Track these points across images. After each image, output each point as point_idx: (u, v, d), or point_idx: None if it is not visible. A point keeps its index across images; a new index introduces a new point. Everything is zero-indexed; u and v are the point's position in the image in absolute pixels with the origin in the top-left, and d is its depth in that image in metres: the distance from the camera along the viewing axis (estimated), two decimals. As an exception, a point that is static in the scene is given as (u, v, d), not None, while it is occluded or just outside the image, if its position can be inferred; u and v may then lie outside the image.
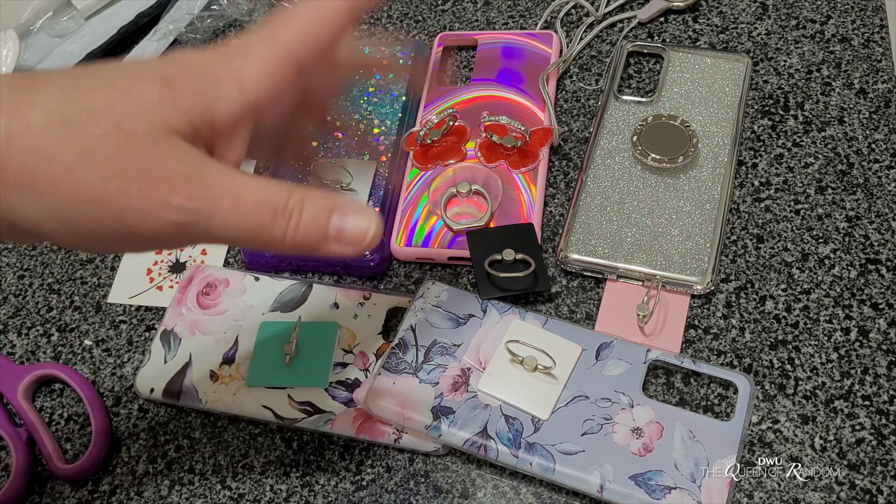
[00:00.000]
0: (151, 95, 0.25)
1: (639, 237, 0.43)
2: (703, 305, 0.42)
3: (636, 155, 0.46)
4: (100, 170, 0.24)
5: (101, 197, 0.25)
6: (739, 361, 0.40)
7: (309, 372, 0.41)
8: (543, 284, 0.42)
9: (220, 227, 0.26)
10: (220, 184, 0.26)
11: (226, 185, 0.26)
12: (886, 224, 0.43)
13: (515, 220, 0.45)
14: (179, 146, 0.26)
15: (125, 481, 0.41)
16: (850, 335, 0.40)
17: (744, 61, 0.49)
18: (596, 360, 0.39)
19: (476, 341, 0.41)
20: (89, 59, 0.59)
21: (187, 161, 0.26)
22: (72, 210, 0.25)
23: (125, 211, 0.25)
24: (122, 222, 0.25)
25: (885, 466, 0.37)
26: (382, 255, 0.45)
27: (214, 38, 0.61)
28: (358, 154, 0.50)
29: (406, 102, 0.52)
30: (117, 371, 0.45)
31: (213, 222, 0.26)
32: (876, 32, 0.51)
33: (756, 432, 0.38)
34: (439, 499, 0.38)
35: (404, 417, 0.39)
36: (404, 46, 0.54)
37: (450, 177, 0.47)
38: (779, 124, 0.48)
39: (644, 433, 0.37)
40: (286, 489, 0.40)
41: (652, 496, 0.35)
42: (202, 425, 0.42)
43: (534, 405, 0.38)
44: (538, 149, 0.47)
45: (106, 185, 0.25)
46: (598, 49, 0.54)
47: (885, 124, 0.47)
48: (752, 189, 0.46)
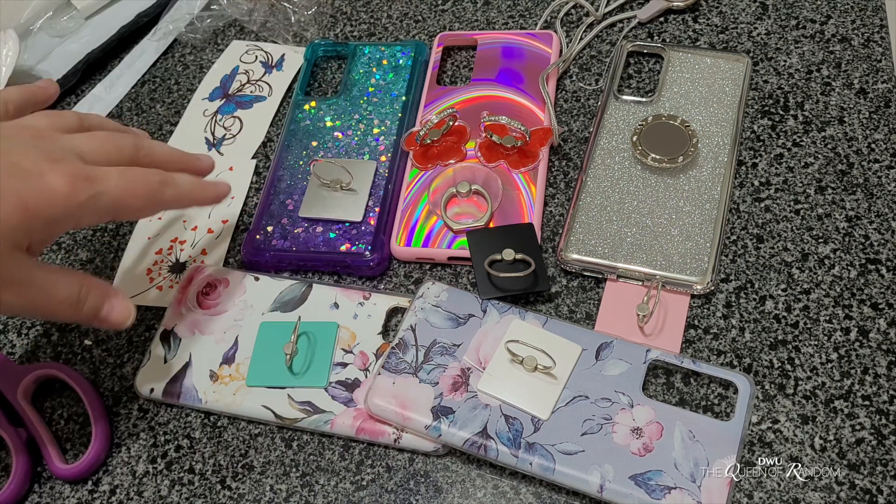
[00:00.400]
0: (12, 220, 0.33)
1: (639, 237, 0.43)
2: (703, 305, 0.42)
3: (636, 155, 0.46)
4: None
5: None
6: (739, 361, 0.40)
7: (308, 372, 0.41)
8: (543, 284, 0.42)
9: (37, 314, 0.40)
10: (40, 284, 0.35)
11: (44, 285, 0.35)
12: (886, 224, 0.43)
13: (515, 220, 0.45)
14: (20, 258, 0.34)
15: (125, 481, 0.41)
16: (850, 335, 0.40)
17: (744, 61, 0.49)
18: (596, 360, 0.39)
19: (476, 341, 0.41)
20: (89, 58, 0.59)
21: (23, 269, 0.34)
22: None
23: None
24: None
25: (885, 466, 0.37)
26: (382, 255, 0.45)
27: (214, 38, 0.61)
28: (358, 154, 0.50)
29: (406, 102, 0.52)
30: (117, 371, 0.45)
31: (35, 313, 0.40)
32: (876, 32, 0.51)
33: (756, 432, 0.38)
34: (439, 499, 0.38)
35: (404, 417, 0.39)
36: (404, 46, 0.55)
37: (450, 177, 0.47)
38: (779, 124, 0.48)
39: (644, 433, 0.37)
40: (286, 489, 0.40)
41: (652, 496, 0.35)
42: (202, 425, 0.42)
43: (534, 405, 0.38)
44: (538, 149, 0.47)
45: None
46: (598, 49, 0.54)
47: (885, 124, 0.47)
48: (752, 189, 0.46)
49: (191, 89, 0.58)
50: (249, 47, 0.59)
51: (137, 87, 0.59)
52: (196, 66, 0.59)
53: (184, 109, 0.57)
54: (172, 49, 0.61)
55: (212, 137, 0.55)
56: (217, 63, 0.59)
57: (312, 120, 0.52)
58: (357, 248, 0.45)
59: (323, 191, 0.48)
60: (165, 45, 0.61)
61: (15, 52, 0.55)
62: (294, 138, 0.51)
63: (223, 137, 0.54)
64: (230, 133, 0.55)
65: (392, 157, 0.49)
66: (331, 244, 0.46)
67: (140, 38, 0.62)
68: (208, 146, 0.54)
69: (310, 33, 0.59)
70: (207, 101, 0.57)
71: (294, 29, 0.59)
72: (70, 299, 0.36)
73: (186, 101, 0.57)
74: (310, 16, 0.59)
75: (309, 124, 0.52)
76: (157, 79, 0.59)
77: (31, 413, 0.43)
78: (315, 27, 0.59)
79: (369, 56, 0.55)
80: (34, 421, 0.42)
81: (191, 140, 0.55)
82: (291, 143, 0.51)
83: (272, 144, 0.54)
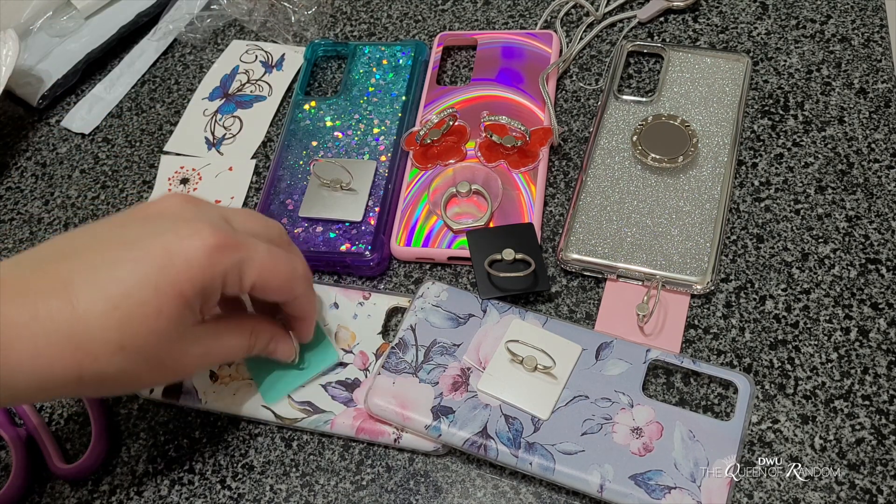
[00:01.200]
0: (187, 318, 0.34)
1: (639, 237, 0.43)
2: (703, 305, 0.42)
3: (636, 155, 0.46)
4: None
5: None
6: (739, 361, 0.40)
7: (316, 355, 0.41)
8: (543, 284, 0.42)
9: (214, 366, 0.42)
10: (216, 349, 0.36)
11: (219, 349, 0.36)
12: (886, 224, 0.43)
13: (515, 219, 0.45)
14: (194, 332, 0.35)
15: (125, 481, 0.41)
16: (850, 335, 0.40)
17: (744, 61, 0.49)
18: (596, 360, 0.39)
19: (476, 341, 0.41)
20: (89, 58, 0.59)
21: (198, 342, 0.35)
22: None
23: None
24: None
25: (884, 466, 0.37)
26: (382, 255, 0.45)
27: (214, 38, 0.61)
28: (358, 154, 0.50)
29: (406, 102, 0.52)
30: (117, 371, 0.45)
31: (213, 366, 0.43)
32: (876, 32, 0.51)
33: (756, 432, 0.38)
34: (439, 499, 0.38)
35: (404, 417, 0.39)
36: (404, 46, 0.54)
37: (450, 177, 0.47)
38: (779, 124, 0.48)
39: (644, 433, 0.37)
40: (286, 489, 0.40)
41: (652, 496, 0.35)
42: (202, 425, 0.42)
43: (534, 405, 0.38)
44: (538, 148, 0.47)
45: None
46: (598, 49, 0.54)
47: (885, 124, 0.47)
48: (752, 189, 0.46)
49: (191, 89, 0.58)
50: (249, 47, 0.59)
51: (137, 86, 0.59)
52: (196, 66, 0.59)
53: (184, 109, 0.57)
54: (172, 49, 0.61)
55: (212, 137, 0.55)
56: (217, 63, 0.59)
57: (312, 120, 0.52)
58: (357, 248, 0.45)
59: (323, 191, 0.48)
60: (165, 45, 0.61)
61: (15, 51, 0.55)
62: (294, 138, 0.51)
63: (223, 137, 0.54)
64: (230, 133, 0.55)
65: (392, 157, 0.49)
66: (331, 244, 0.46)
67: (140, 38, 0.62)
68: (208, 146, 0.54)
69: (310, 33, 0.59)
70: (207, 100, 0.57)
71: (294, 29, 0.59)
72: (242, 350, 0.37)
73: (186, 101, 0.57)
74: (310, 16, 0.59)
75: (309, 124, 0.52)
76: (157, 79, 0.59)
77: (31, 413, 0.43)
78: (315, 27, 0.59)
79: (369, 56, 0.55)
80: (34, 421, 0.42)
81: (191, 140, 0.55)
82: (291, 142, 0.51)
83: (272, 144, 0.54)
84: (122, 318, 0.31)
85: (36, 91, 0.58)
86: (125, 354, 0.31)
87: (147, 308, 0.31)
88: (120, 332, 0.31)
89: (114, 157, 0.55)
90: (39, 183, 0.55)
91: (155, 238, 0.32)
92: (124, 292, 0.31)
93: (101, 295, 0.31)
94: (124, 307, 0.31)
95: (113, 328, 0.31)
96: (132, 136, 0.56)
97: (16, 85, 0.59)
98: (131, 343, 0.31)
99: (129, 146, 0.56)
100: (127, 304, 0.31)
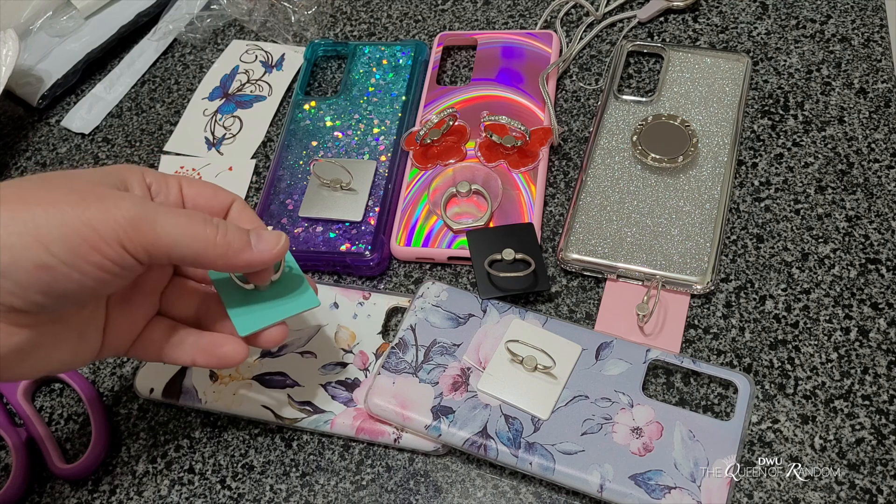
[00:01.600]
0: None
1: (639, 237, 0.43)
2: (703, 305, 0.42)
3: (636, 155, 0.46)
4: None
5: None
6: (739, 361, 0.40)
7: (294, 296, 0.37)
8: (543, 284, 0.42)
9: (164, 222, 0.31)
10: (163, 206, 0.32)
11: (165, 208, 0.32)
12: (886, 224, 0.43)
13: (515, 219, 0.45)
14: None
15: (125, 481, 0.41)
16: (850, 335, 0.40)
17: (744, 61, 0.49)
18: (596, 360, 0.39)
19: (476, 341, 0.41)
20: (89, 58, 0.59)
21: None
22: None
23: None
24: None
25: (884, 466, 0.37)
26: (382, 255, 0.45)
27: (214, 38, 0.61)
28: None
29: (406, 102, 0.52)
30: (117, 371, 0.45)
31: (158, 218, 0.31)
32: (876, 32, 0.51)
33: (756, 432, 0.38)
34: (439, 499, 0.38)
35: (404, 417, 0.39)
36: (404, 46, 0.54)
37: (449, 176, 0.47)
38: (779, 124, 0.48)
39: (644, 433, 0.37)
40: (286, 489, 0.40)
41: (652, 496, 0.35)
42: (202, 425, 0.42)
43: (534, 405, 0.38)
44: (538, 148, 0.47)
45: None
46: (598, 49, 0.54)
47: (884, 124, 0.47)
48: (752, 189, 0.46)
49: (191, 89, 0.58)
50: (249, 47, 0.59)
51: (137, 86, 0.59)
52: (196, 66, 0.59)
53: (184, 109, 0.57)
54: (172, 49, 0.61)
55: (212, 137, 0.55)
56: (217, 63, 0.59)
57: (312, 120, 0.52)
58: (357, 248, 0.45)
59: (323, 190, 0.48)
60: (165, 45, 0.61)
61: (15, 51, 0.55)
62: (294, 138, 0.51)
63: (223, 137, 0.54)
64: (230, 133, 0.55)
65: (392, 157, 0.49)
66: (331, 244, 0.46)
67: (140, 38, 0.62)
68: (208, 146, 0.54)
69: (310, 33, 0.59)
70: (207, 100, 0.57)
71: (294, 29, 0.59)
72: (200, 214, 0.33)
73: (186, 101, 0.57)
74: (310, 15, 0.59)
75: (309, 124, 0.52)
76: (157, 78, 0.59)
77: (31, 413, 0.43)
78: (315, 27, 0.59)
79: (369, 56, 0.55)
80: (34, 421, 0.42)
81: (191, 140, 0.55)
82: (291, 142, 0.51)
83: (272, 144, 0.54)
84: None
85: (36, 91, 0.58)
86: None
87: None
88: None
89: (114, 157, 0.55)
90: (39, 183, 0.55)
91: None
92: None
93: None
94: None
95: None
96: (132, 135, 0.56)
97: (16, 85, 0.59)
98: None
99: (128, 146, 0.56)
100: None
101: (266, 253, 0.34)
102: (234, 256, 0.33)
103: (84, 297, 0.31)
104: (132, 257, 0.30)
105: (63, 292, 0.30)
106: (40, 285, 0.29)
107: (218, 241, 0.32)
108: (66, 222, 0.29)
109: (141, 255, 0.31)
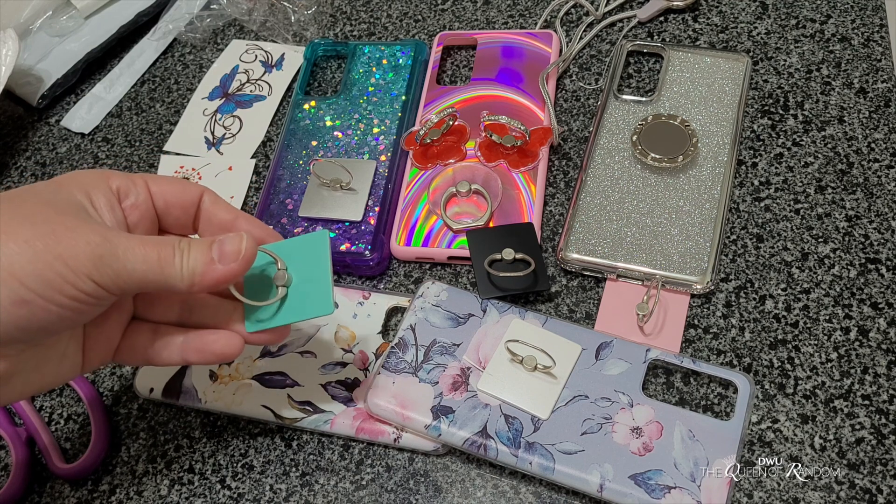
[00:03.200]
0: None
1: (638, 237, 0.43)
2: (703, 305, 0.42)
3: (636, 154, 0.46)
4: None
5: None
6: (739, 361, 0.40)
7: (307, 299, 0.35)
8: (543, 284, 0.42)
9: (128, 258, 0.31)
10: (124, 236, 0.32)
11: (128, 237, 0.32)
12: (886, 224, 0.43)
13: (515, 219, 0.45)
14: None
15: (125, 481, 0.41)
16: (850, 335, 0.40)
17: (743, 61, 0.49)
18: (595, 360, 0.39)
19: (476, 341, 0.41)
20: (89, 58, 0.59)
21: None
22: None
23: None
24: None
25: (884, 466, 0.37)
26: (382, 255, 0.45)
27: (214, 38, 0.61)
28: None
29: (406, 102, 0.52)
30: (117, 371, 0.45)
31: (120, 252, 0.31)
32: (876, 32, 0.51)
33: (756, 432, 0.38)
34: (439, 498, 0.38)
35: (404, 417, 0.39)
36: (404, 46, 0.54)
37: (449, 176, 0.47)
38: (778, 124, 0.48)
39: (644, 433, 0.37)
40: (286, 489, 0.40)
41: (651, 496, 0.35)
42: (202, 425, 0.42)
43: (533, 405, 0.38)
44: (538, 148, 0.47)
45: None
46: (598, 48, 0.54)
47: (884, 124, 0.47)
48: (752, 188, 0.46)
49: (190, 89, 0.58)
50: (249, 47, 0.59)
51: (137, 86, 0.59)
52: (196, 66, 0.59)
53: (183, 109, 0.57)
54: (172, 49, 0.61)
55: (211, 137, 0.55)
56: (217, 62, 0.59)
57: (312, 119, 0.52)
58: (357, 248, 0.45)
59: (323, 190, 0.48)
60: (165, 45, 0.61)
61: (14, 51, 0.55)
62: (294, 138, 0.51)
63: (223, 137, 0.54)
64: (230, 132, 0.55)
65: (392, 157, 0.49)
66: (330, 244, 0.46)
67: (140, 38, 0.62)
68: (208, 146, 0.54)
69: (310, 33, 0.59)
70: (207, 100, 0.57)
71: (294, 28, 0.59)
72: (167, 241, 0.32)
73: (186, 101, 0.57)
74: (310, 15, 0.59)
75: (309, 124, 0.52)
76: (157, 78, 0.59)
77: (31, 413, 0.43)
78: (315, 26, 0.59)
79: (369, 55, 0.55)
80: (34, 420, 0.42)
81: (191, 140, 0.55)
82: (291, 142, 0.51)
83: (272, 144, 0.54)
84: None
85: (36, 91, 0.58)
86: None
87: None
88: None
89: (113, 156, 0.55)
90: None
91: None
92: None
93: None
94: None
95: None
96: (132, 135, 0.56)
97: (16, 85, 0.59)
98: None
99: (128, 146, 0.56)
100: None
101: (231, 267, 0.33)
102: (200, 283, 0.32)
103: (63, 327, 0.31)
104: (104, 290, 0.30)
105: (42, 325, 0.30)
106: (19, 321, 0.29)
107: (184, 270, 0.32)
108: (38, 258, 0.29)
109: (112, 288, 0.31)
